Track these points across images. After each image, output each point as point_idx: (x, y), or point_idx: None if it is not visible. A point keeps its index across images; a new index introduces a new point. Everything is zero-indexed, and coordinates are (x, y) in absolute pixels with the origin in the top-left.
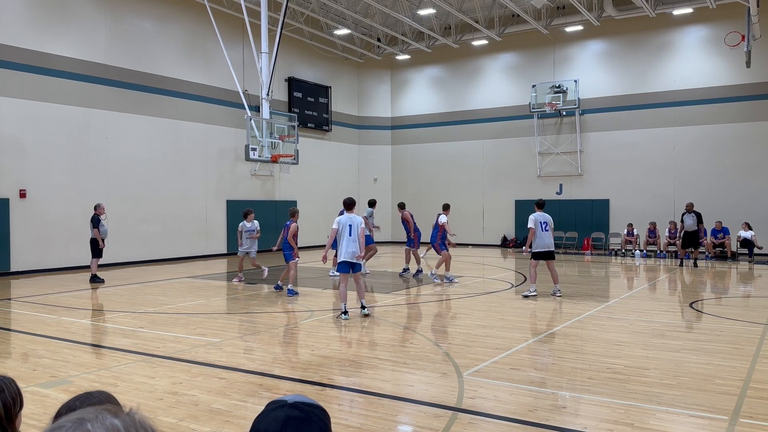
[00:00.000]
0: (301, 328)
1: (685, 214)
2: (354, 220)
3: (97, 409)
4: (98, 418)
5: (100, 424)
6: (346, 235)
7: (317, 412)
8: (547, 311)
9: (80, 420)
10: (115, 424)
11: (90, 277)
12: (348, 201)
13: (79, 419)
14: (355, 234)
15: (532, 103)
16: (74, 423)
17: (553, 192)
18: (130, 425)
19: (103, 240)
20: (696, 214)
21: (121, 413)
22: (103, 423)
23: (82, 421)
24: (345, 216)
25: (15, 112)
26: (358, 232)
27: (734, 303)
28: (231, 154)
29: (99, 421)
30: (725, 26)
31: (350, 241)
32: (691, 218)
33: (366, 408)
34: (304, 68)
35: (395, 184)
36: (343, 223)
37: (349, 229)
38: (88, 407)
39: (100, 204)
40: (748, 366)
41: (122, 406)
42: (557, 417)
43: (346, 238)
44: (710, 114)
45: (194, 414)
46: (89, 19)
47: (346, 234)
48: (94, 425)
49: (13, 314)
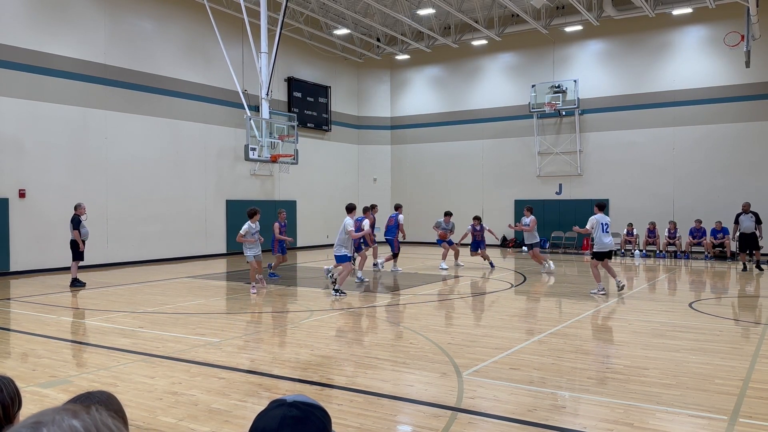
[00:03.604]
0: (301, 328)
1: (742, 215)
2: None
3: (56, 410)
4: (55, 421)
5: (57, 427)
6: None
7: (317, 412)
8: (547, 311)
9: (36, 424)
10: (73, 426)
11: (70, 281)
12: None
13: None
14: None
15: (532, 103)
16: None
17: (552, 192)
18: (90, 425)
19: (83, 242)
20: (754, 215)
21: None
22: (60, 425)
23: (38, 425)
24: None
25: (14, 111)
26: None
27: (734, 303)
28: (230, 154)
29: (56, 423)
30: (725, 26)
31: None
32: (749, 219)
33: (365, 408)
34: (303, 68)
35: (395, 184)
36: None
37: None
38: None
39: (80, 204)
40: (747, 366)
41: (122, 406)
42: (557, 417)
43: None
44: (710, 114)
45: (194, 414)
46: (88, 19)
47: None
48: (51, 428)
49: (13, 314)
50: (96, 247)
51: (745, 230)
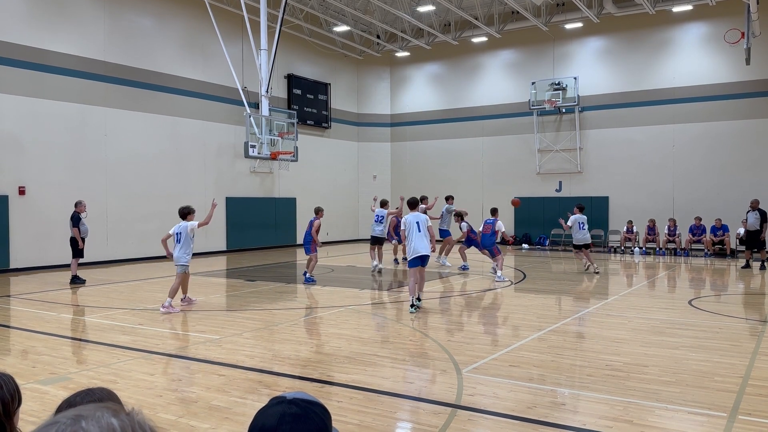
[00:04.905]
0: (301, 325)
1: (750, 212)
2: (420, 218)
3: (97, 407)
4: (95, 416)
5: (95, 423)
6: (414, 232)
7: (317, 410)
8: (546, 308)
9: (77, 417)
10: (111, 423)
11: (70, 279)
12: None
13: (77, 416)
14: (424, 230)
15: (532, 100)
16: (71, 419)
17: (552, 189)
18: (127, 425)
19: (83, 239)
20: (760, 212)
21: (121, 413)
22: (99, 422)
23: (79, 418)
24: (411, 215)
25: (14, 109)
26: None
27: (733, 300)
28: (230, 151)
29: (95, 419)
30: (725, 23)
31: (419, 237)
32: (753, 216)
33: (365, 405)
34: (303, 65)
35: (394, 181)
36: (410, 222)
37: (417, 226)
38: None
39: (81, 201)
40: (747, 363)
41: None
42: (556, 414)
43: (415, 235)
44: (710, 111)
45: (193, 411)
46: (88, 16)
47: (414, 231)
48: (89, 423)
49: (13, 311)
50: (96, 244)
51: (749, 227)
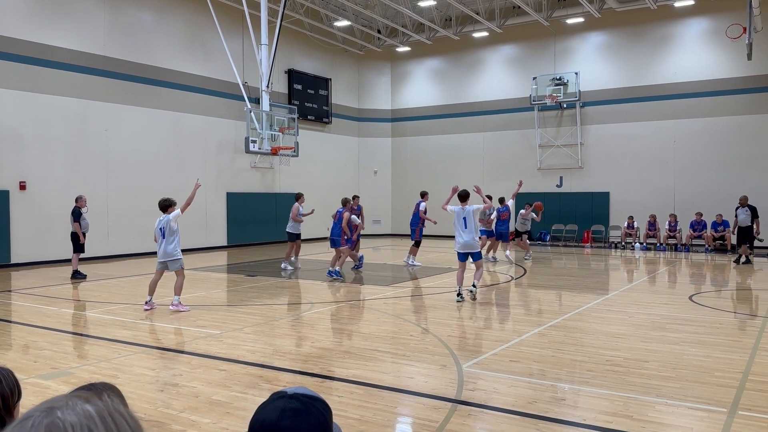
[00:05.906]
0: (302, 320)
1: (739, 209)
2: (467, 211)
3: (68, 396)
4: (68, 405)
5: (70, 411)
6: (460, 227)
7: (317, 405)
8: (547, 303)
9: (50, 408)
10: (87, 410)
11: (71, 273)
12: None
13: (49, 408)
14: (471, 225)
15: (533, 96)
16: (44, 412)
17: (553, 185)
18: (103, 410)
19: (84, 234)
20: (750, 209)
21: (94, 398)
22: (74, 409)
23: (52, 409)
24: (459, 207)
25: (14, 104)
26: (473, 223)
27: (733, 296)
28: (231, 147)
29: (69, 407)
30: (726, 18)
31: (465, 232)
32: (743, 213)
33: (366, 400)
34: (304, 60)
35: (395, 176)
36: (457, 214)
37: (464, 222)
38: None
39: (81, 196)
40: (747, 358)
41: (124, 398)
42: (556, 409)
43: (461, 230)
44: (711, 107)
45: (194, 405)
46: (88, 11)
47: (461, 226)
48: (65, 412)
49: (14, 306)
50: (97, 239)
51: (741, 224)
